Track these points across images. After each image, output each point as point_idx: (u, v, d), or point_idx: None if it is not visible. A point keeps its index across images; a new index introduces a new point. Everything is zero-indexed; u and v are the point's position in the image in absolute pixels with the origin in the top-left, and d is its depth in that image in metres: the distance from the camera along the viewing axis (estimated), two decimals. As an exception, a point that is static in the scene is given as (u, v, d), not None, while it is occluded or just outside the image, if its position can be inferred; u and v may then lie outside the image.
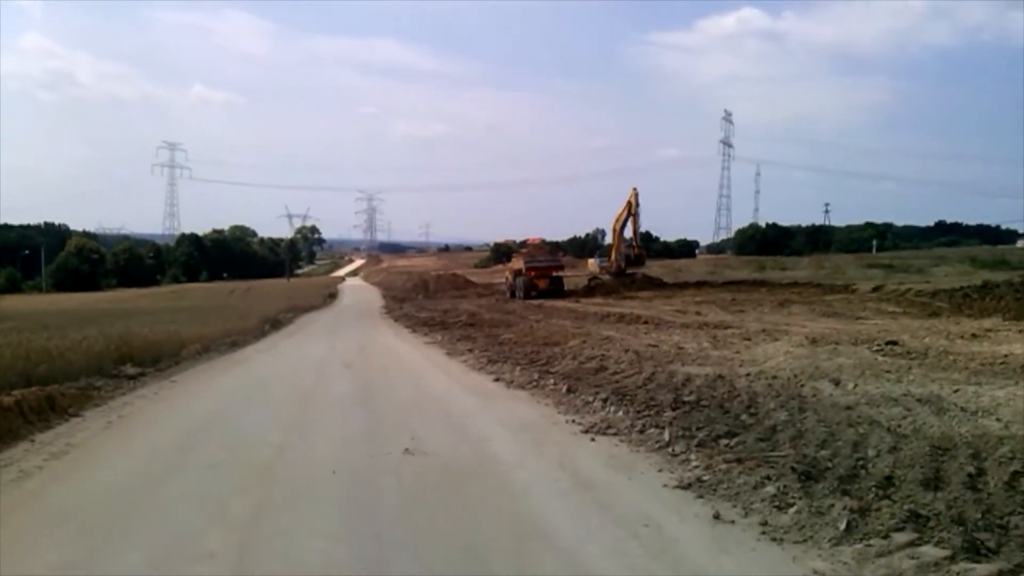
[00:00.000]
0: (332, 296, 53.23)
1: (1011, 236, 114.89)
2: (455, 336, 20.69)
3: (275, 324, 28.14)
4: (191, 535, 5.75)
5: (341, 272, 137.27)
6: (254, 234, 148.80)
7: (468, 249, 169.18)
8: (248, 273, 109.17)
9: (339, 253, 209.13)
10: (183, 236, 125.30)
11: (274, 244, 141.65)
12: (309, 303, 41.87)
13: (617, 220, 42.91)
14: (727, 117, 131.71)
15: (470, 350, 17.18)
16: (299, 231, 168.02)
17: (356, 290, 69.92)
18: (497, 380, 13.01)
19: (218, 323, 24.64)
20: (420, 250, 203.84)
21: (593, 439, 8.47)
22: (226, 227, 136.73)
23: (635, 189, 41.43)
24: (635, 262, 42.59)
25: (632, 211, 41.32)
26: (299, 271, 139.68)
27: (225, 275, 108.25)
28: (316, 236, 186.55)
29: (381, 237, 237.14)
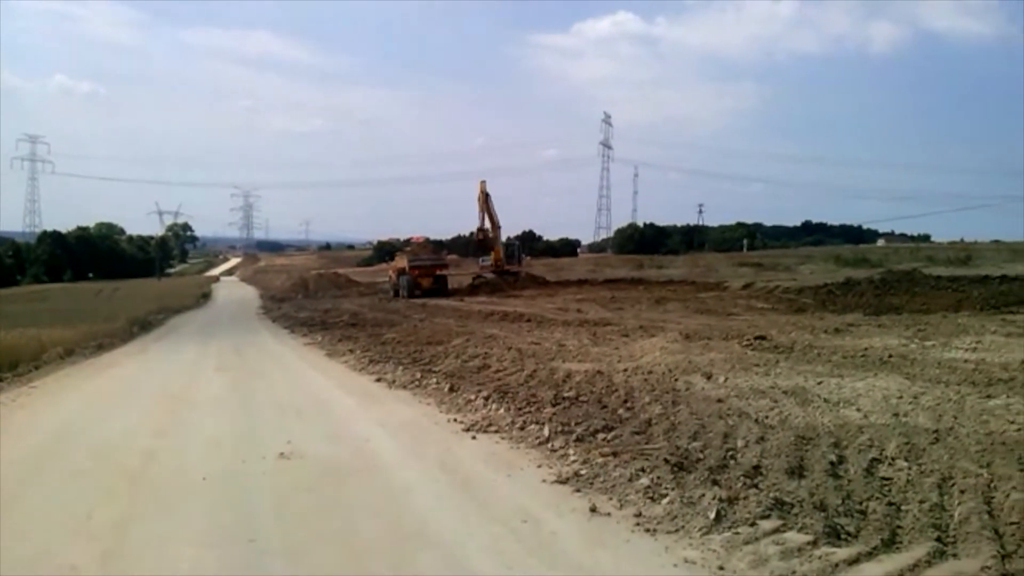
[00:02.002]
0: (206, 296, 51.34)
1: (872, 235, 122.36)
2: (336, 336, 20.33)
3: (145, 326, 26.93)
4: (50, 548, 5.45)
5: (216, 271, 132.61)
6: (122, 232, 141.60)
7: (350, 247, 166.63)
8: (116, 273, 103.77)
9: (214, 252, 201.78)
10: (44, 234, 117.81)
11: (144, 242, 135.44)
12: (181, 304, 40.24)
13: (493, 221, 43.10)
14: (606, 119, 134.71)
15: (351, 350, 16.92)
16: (170, 228, 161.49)
17: (232, 290, 67.72)
18: (379, 380, 12.86)
19: (83, 325, 23.36)
20: (300, 248, 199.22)
21: (474, 437, 8.49)
22: (92, 224, 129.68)
23: (483, 181, 41.64)
24: (481, 249, 42.79)
25: (485, 206, 41.39)
26: (171, 271, 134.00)
27: (91, 275, 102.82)
28: (189, 234, 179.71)
29: (258, 235, 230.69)
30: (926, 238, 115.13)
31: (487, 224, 42.72)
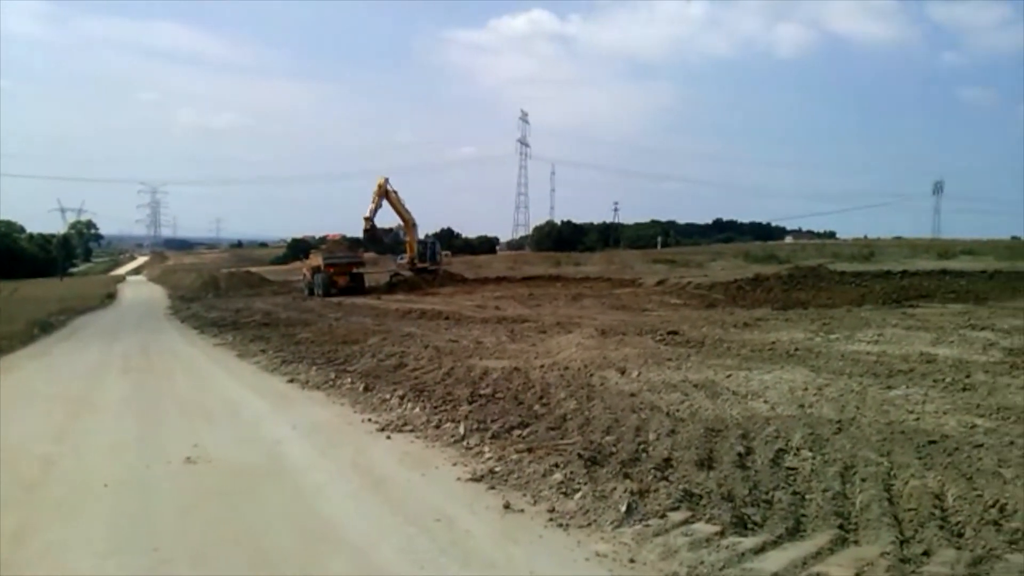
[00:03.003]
0: (111, 297, 49.35)
1: (781, 232, 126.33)
2: (248, 337, 19.79)
3: (46, 328, 25.69)
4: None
5: (122, 270, 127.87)
6: (22, 230, 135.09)
7: (263, 245, 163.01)
8: (15, 272, 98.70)
9: (120, 250, 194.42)
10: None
11: (45, 241, 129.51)
12: (85, 304, 38.57)
13: (404, 218, 42.64)
14: (523, 117, 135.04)
15: (263, 351, 16.49)
16: (73, 226, 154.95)
17: (139, 290, 65.32)
18: (291, 381, 12.57)
19: (-24, 328, 22.17)
20: (210, 246, 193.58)
21: (389, 437, 8.37)
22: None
23: (384, 179, 41.18)
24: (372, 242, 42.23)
25: (378, 201, 40.88)
26: (74, 270, 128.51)
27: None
28: (93, 232, 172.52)
29: (167, 233, 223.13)
30: (832, 235, 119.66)
31: (380, 217, 41.91)
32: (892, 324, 16.08)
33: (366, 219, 41.00)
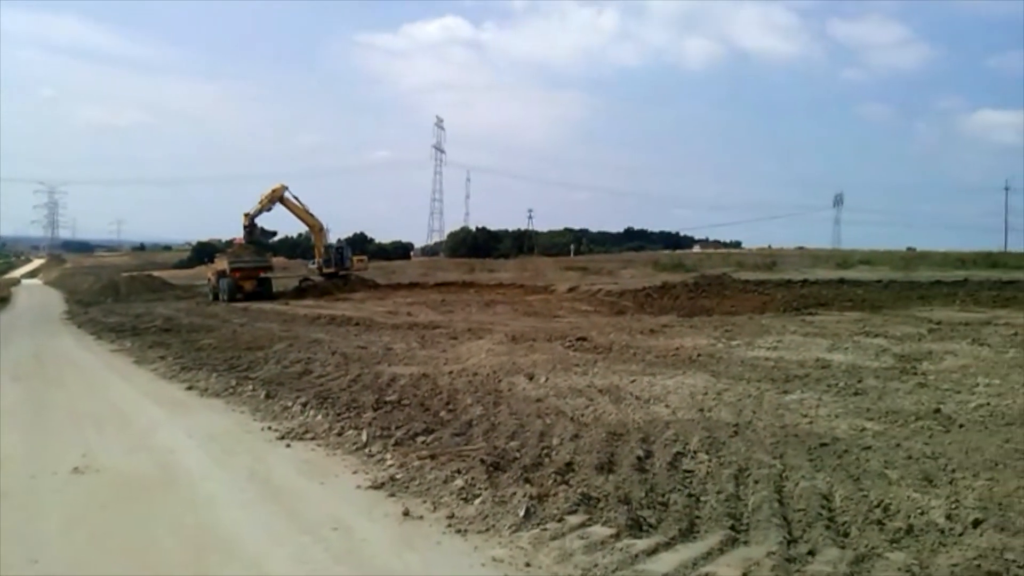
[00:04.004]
0: (3, 300, 46.99)
1: (689, 242, 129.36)
2: (147, 343, 19.09)
3: (-73, 333, 24.33)
4: None
5: (16, 273, 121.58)
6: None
7: (167, 248, 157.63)
8: None
9: (15, 252, 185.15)
10: None
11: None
12: (-26, 309, 36.73)
13: (308, 223, 41.80)
14: (438, 123, 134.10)
15: (162, 357, 15.93)
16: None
17: (34, 293, 62.33)
18: (190, 388, 12.17)
19: None
20: (111, 249, 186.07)
21: (289, 445, 8.18)
22: None
23: (280, 184, 40.34)
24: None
25: (267, 204, 39.97)
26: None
27: None
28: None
29: (65, 234, 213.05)
30: (738, 244, 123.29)
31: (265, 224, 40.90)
32: (791, 331, 16.60)
33: (246, 215, 39.72)
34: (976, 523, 5.13)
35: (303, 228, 44.65)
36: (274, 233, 41.73)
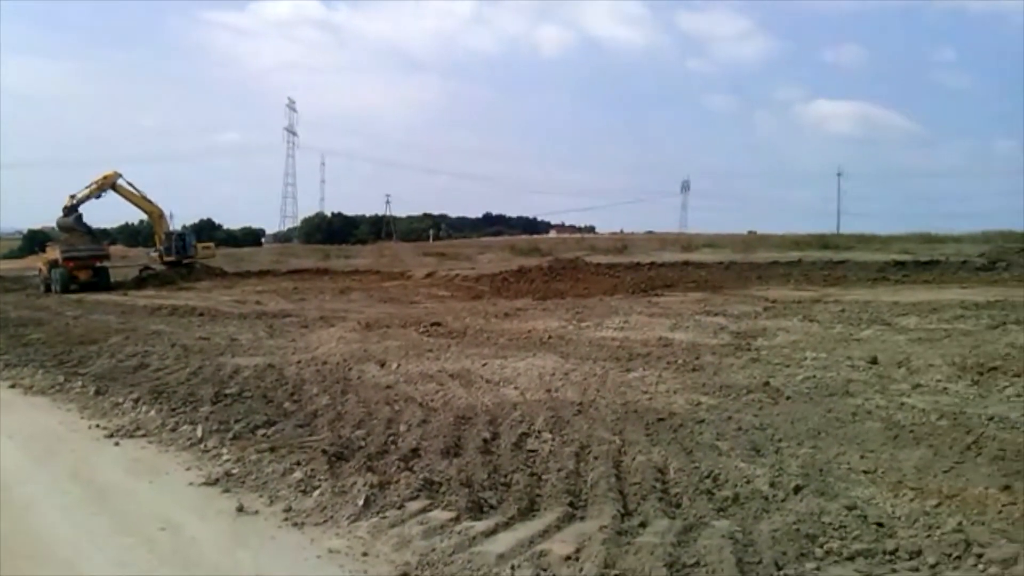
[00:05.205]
0: None
1: (546, 227, 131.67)
2: (-34, 339, 17.62)
3: None
4: None
5: None
6: None
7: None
8: None
9: None
10: None
11: None
12: None
13: (146, 210, 39.68)
14: (291, 104, 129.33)
15: (-17, 354, 14.73)
16: None
17: None
18: (13, 387, 11.27)
19: None
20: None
21: (117, 443, 7.70)
22: None
23: (113, 171, 38.32)
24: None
25: (96, 190, 37.90)
26: None
27: None
28: None
29: None
30: (592, 229, 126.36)
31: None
32: (638, 311, 17.16)
33: (71, 197, 37.18)
34: (797, 489, 5.43)
35: (139, 216, 42.13)
36: (89, 228, 38.86)
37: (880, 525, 4.76)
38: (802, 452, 6.41)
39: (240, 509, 5.51)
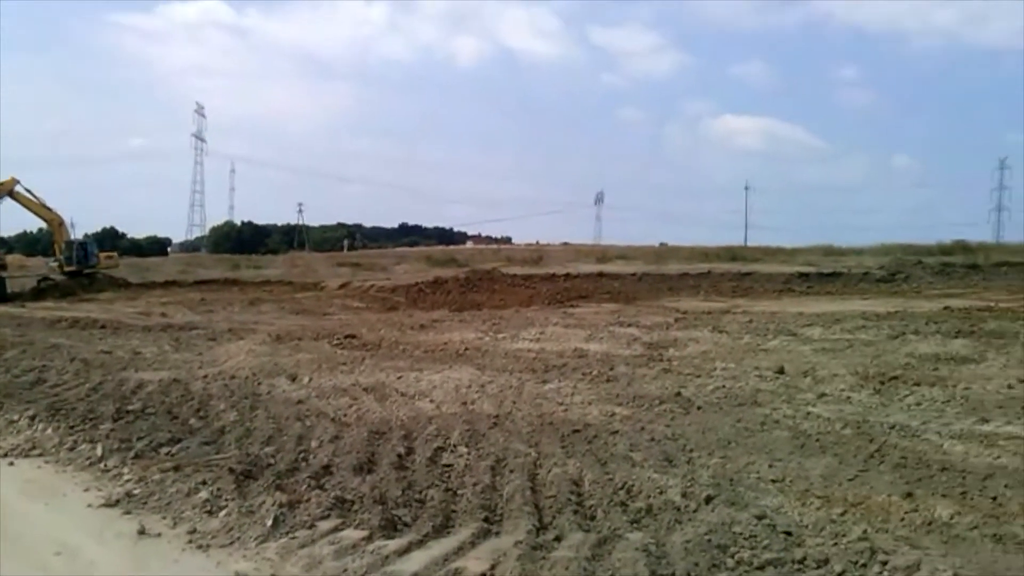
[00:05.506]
0: None
1: (463, 237, 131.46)
2: None
3: None
4: None
5: None
6: None
7: None
8: None
9: None
10: None
11: None
12: None
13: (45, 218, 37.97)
14: (199, 110, 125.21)
15: None
16: None
17: None
18: None
19: None
20: None
21: (12, 463, 7.30)
22: None
23: (11, 177, 36.80)
24: None
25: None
26: None
27: None
28: None
29: None
30: (508, 240, 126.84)
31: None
32: (553, 323, 17.28)
33: None
34: (708, 499, 5.53)
35: (39, 224, 40.27)
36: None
37: (789, 534, 4.87)
38: (713, 462, 6.53)
39: (142, 531, 5.28)
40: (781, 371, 10.72)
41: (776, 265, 35.90)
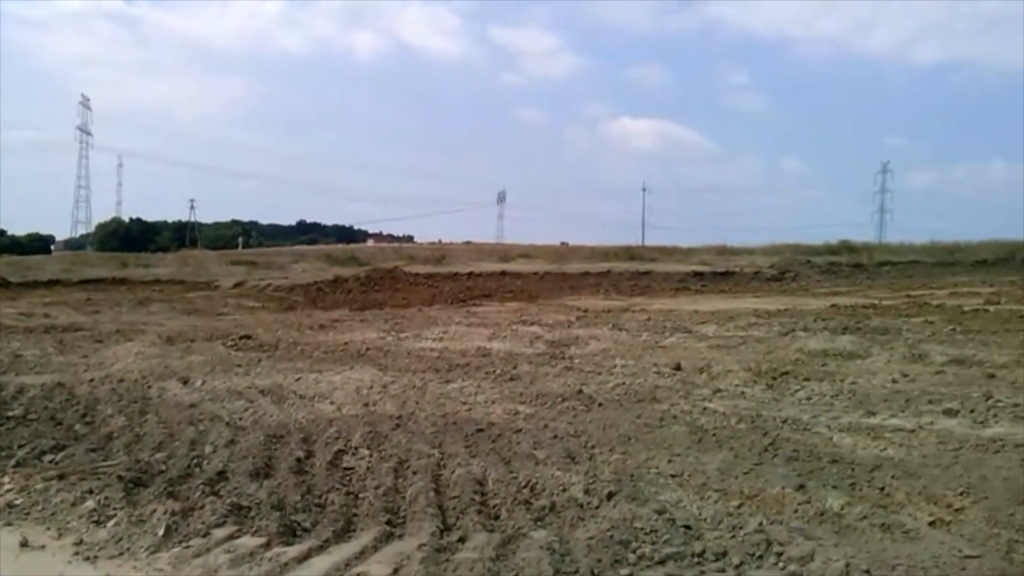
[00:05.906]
0: None
1: (364, 236, 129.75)
2: None
3: None
4: None
5: None
6: None
7: None
8: None
9: None
10: None
11: None
12: None
13: None
14: (84, 102, 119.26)
15: None
16: None
17: None
18: None
19: None
20: None
21: None
22: None
23: None
24: None
25: None
26: None
27: None
28: None
29: None
30: (410, 239, 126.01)
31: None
32: (456, 322, 17.27)
33: None
34: (610, 496, 5.61)
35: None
36: None
37: (688, 528, 4.99)
38: (614, 458, 6.63)
39: (24, 544, 4.98)
40: (678, 367, 10.99)
41: (672, 264, 36.86)
